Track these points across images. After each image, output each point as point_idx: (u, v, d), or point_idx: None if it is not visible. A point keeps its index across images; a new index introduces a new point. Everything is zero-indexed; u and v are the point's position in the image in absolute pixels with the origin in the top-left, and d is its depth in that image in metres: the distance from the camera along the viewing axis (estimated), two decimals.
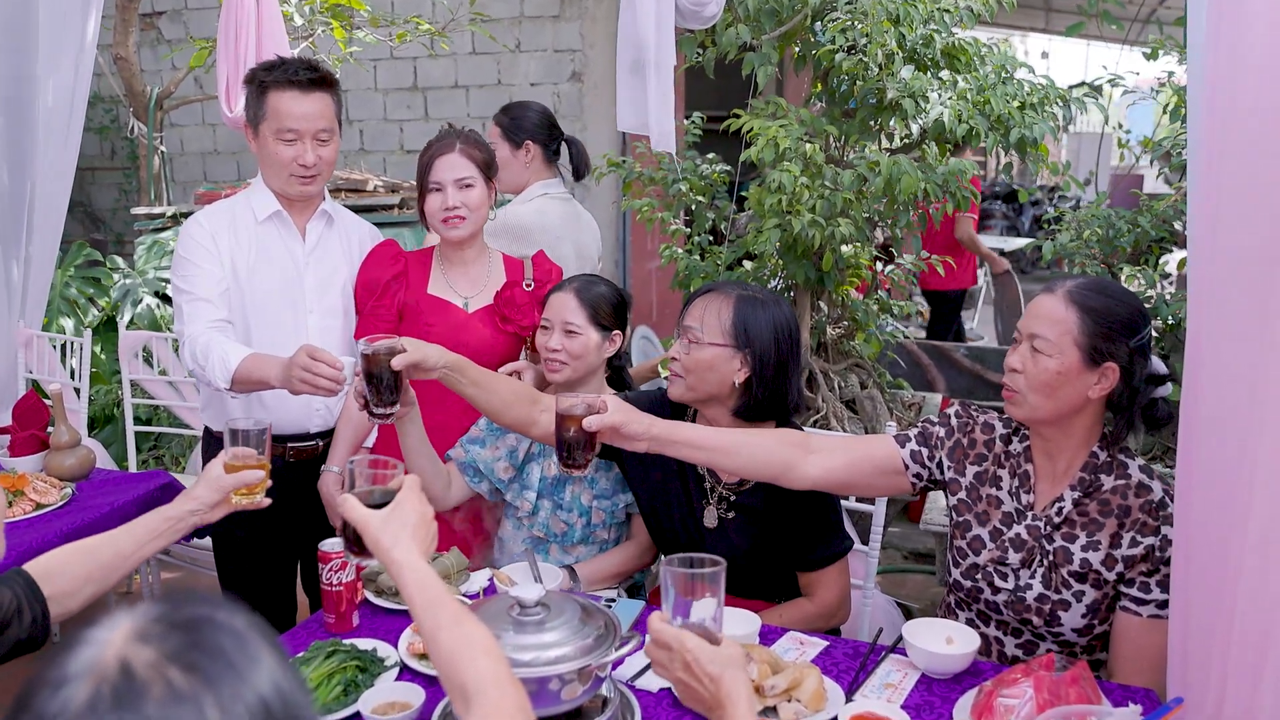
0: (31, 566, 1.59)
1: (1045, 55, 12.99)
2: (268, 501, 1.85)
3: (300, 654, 1.83)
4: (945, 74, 2.91)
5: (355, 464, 1.56)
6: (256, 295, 2.51)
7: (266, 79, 2.46)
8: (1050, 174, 3.99)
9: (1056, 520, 1.94)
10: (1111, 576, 1.90)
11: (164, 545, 1.75)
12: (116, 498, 2.74)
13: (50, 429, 2.91)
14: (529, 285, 2.63)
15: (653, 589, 2.55)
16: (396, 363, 1.95)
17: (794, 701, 1.69)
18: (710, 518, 2.25)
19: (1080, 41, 9.43)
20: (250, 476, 1.78)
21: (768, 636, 1.98)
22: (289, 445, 2.58)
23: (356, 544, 1.50)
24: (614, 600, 2.16)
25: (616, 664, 1.87)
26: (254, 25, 3.66)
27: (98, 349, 4.82)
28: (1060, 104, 2.89)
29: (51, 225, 4.15)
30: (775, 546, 2.23)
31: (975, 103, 2.77)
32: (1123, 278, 3.26)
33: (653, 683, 1.82)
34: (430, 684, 1.78)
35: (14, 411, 2.96)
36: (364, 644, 1.90)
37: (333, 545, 2.00)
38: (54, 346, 4.02)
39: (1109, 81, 3.40)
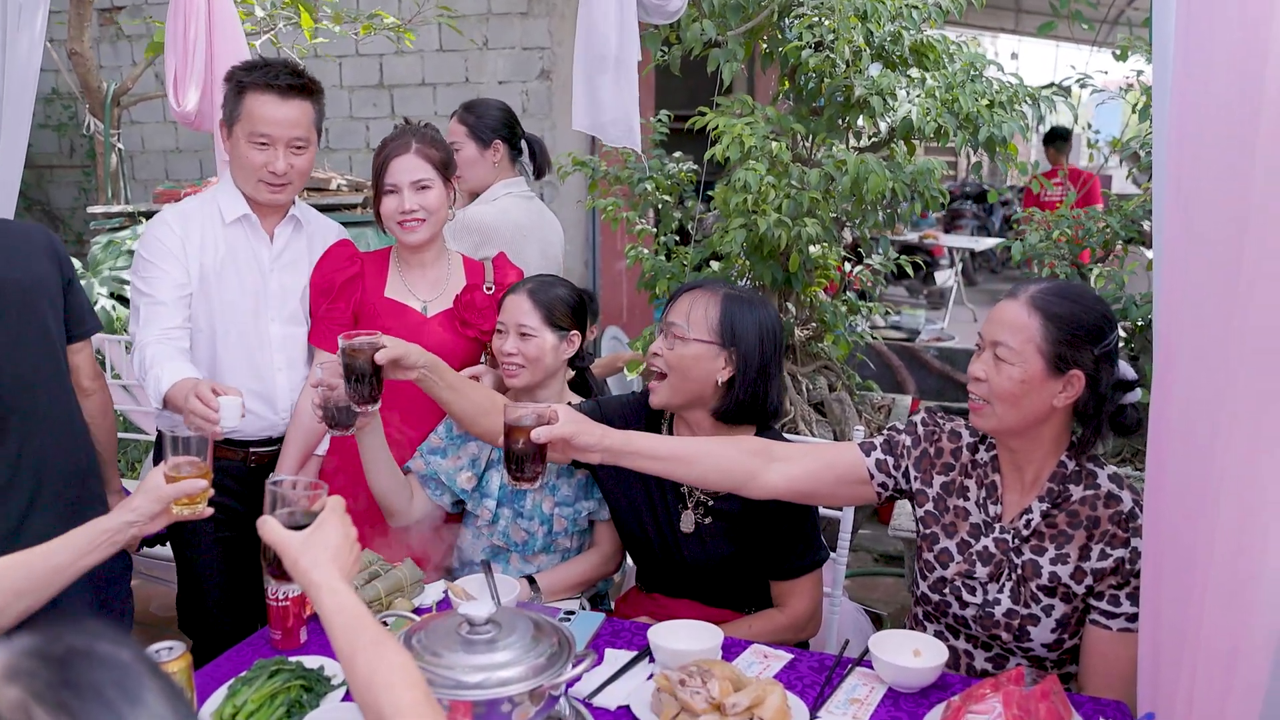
0: None
1: (1015, 56, 13.01)
2: (209, 511, 1.77)
3: (242, 673, 1.76)
4: (914, 72, 2.87)
5: (278, 486, 1.51)
6: (223, 301, 2.43)
7: (245, 80, 2.38)
8: (1020, 174, 3.96)
9: (1025, 533, 1.90)
10: (1081, 590, 1.86)
11: (102, 558, 1.66)
12: None
13: None
14: (489, 288, 2.55)
15: (618, 598, 2.49)
16: (380, 356, 1.93)
17: (757, 719, 1.63)
18: (687, 522, 2.20)
19: (1049, 43, 9.45)
20: (190, 486, 1.71)
21: (730, 650, 1.92)
22: (250, 450, 2.51)
23: (277, 567, 1.44)
24: (573, 613, 2.10)
25: (573, 681, 1.81)
26: (205, 16, 3.55)
27: None
28: (1029, 103, 2.86)
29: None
30: (751, 553, 2.18)
31: (943, 101, 2.73)
32: (1092, 278, 3.23)
33: (611, 700, 1.76)
34: None
35: None
36: (311, 661, 1.83)
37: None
38: None
39: (1077, 81, 3.37)
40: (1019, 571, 1.89)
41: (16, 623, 1.55)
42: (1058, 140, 7.94)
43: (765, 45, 3.02)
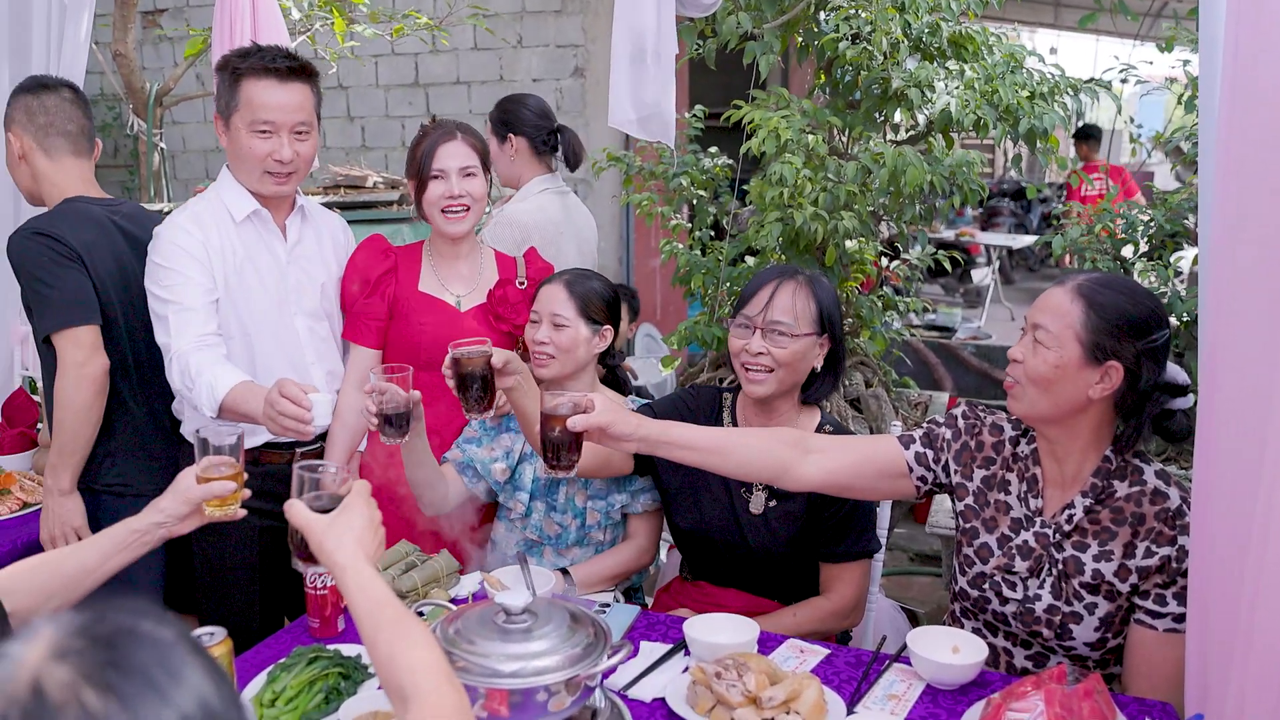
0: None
1: (1054, 51, 12.90)
2: (243, 513, 1.74)
3: (282, 660, 1.77)
4: (952, 64, 2.84)
5: (303, 470, 1.51)
6: (248, 303, 2.35)
7: (241, 66, 2.28)
8: (1059, 169, 3.91)
9: (1066, 528, 1.86)
10: (1125, 588, 1.82)
11: (132, 558, 1.65)
12: None
13: (39, 426, 2.85)
14: (522, 283, 2.55)
15: (660, 588, 2.48)
16: (496, 360, 1.97)
17: (793, 714, 1.62)
18: (757, 503, 2.21)
19: (1089, 38, 9.34)
20: (220, 489, 1.68)
21: (767, 645, 1.91)
22: (297, 452, 2.43)
23: (303, 549, 1.46)
24: (608, 605, 2.09)
25: (608, 673, 1.80)
26: (249, 17, 3.59)
27: None
28: (1070, 94, 2.81)
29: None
30: (811, 536, 2.19)
31: (983, 92, 2.70)
32: (1135, 273, 3.18)
33: (646, 692, 1.75)
34: None
35: (3, 409, 2.91)
36: (348, 649, 1.84)
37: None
38: None
39: (1120, 73, 3.31)
40: (1060, 567, 1.86)
41: None
42: (1089, 138, 8.03)
43: (801, 38, 2.99)
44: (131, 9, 5.26)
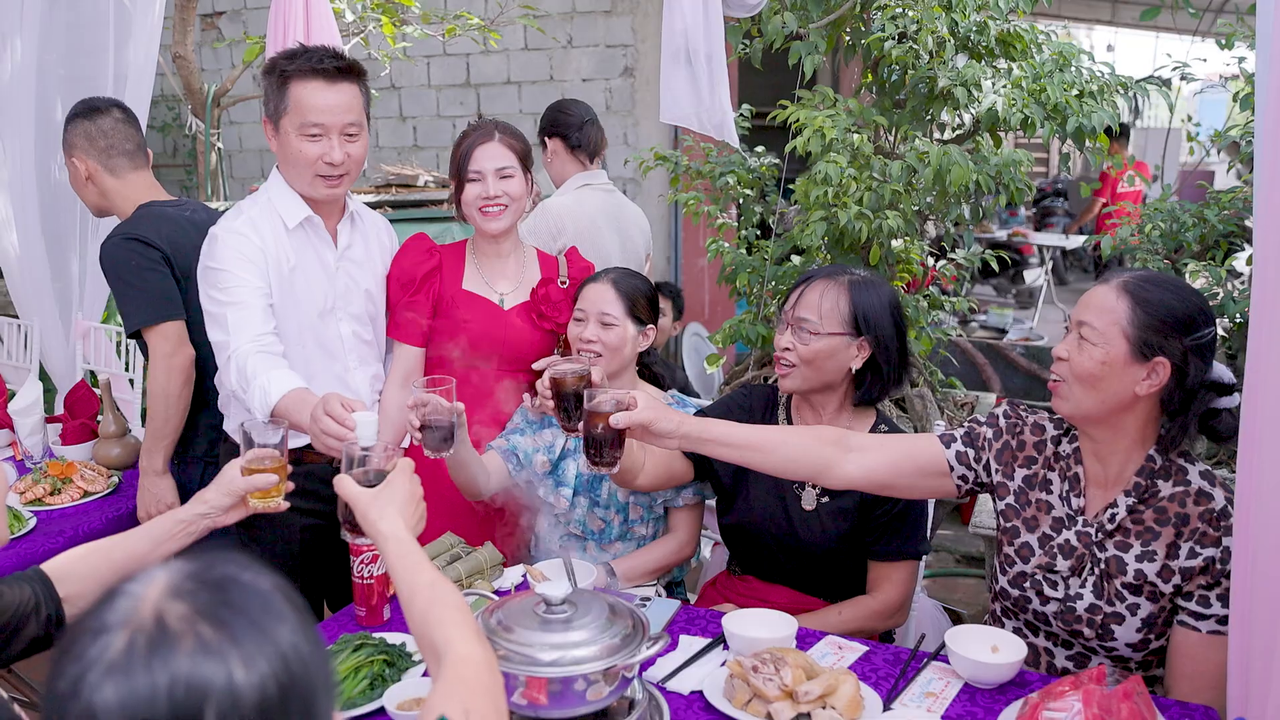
0: (48, 566, 1.60)
1: (1111, 49, 12.68)
2: (285, 505, 1.79)
3: (329, 646, 1.81)
4: (1001, 63, 2.82)
5: (350, 447, 1.63)
6: (297, 308, 2.35)
7: (289, 68, 2.24)
8: (1114, 165, 3.86)
9: (1109, 527, 1.85)
10: (1168, 589, 1.81)
11: (178, 548, 1.71)
12: None
13: (100, 418, 2.94)
14: (563, 282, 2.58)
15: (706, 583, 2.49)
16: (596, 375, 2.05)
17: (829, 709, 1.63)
18: (809, 500, 2.22)
19: (1148, 34, 9.17)
20: (262, 481, 1.74)
21: (805, 641, 1.92)
22: None
23: (350, 522, 1.57)
24: (648, 599, 2.12)
25: (647, 665, 1.83)
26: (303, 19, 3.66)
27: None
28: (1121, 92, 2.78)
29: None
30: (861, 533, 2.20)
31: (1030, 91, 2.67)
32: (1186, 274, 3.13)
33: (684, 685, 1.77)
34: None
35: (66, 400, 3.00)
36: (394, 638, 1.88)
37: (365, 539, 1.97)
38: (110, 339, 4.08)
39: (1175, 71, 3.26)
40: (1102, 567, 1.85)
41: None
42: (1118, 136, 8.19)
43: (849, 38, 2.99)
44: (191, 12, 5.38)
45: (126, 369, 4.11)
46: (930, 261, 3.25)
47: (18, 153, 3.92)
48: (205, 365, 2.52)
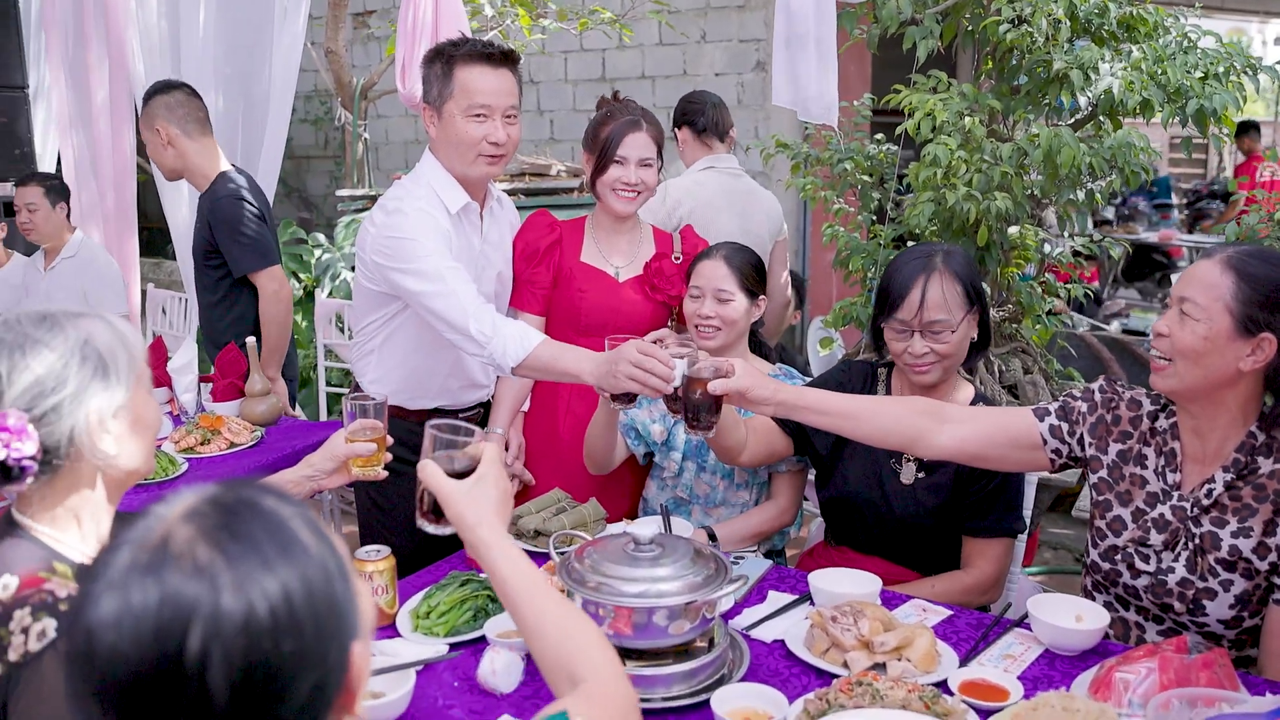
0: None
1: (1279, 42, 12.05)
2: (384, 474, 1.90)
3: (438, 581, 1.96)
4: (1124, 47, 2.78)
5: (436, 429, 1.47)
6: None
7: (455, 53, 2.36)
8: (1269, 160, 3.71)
9: (1205, 503, 1.84)
10: (1264, 566, 1.79)
11: None
12: (299, 442, 2.98)
13: (246, 379, 3.19)
14: (677, 258, 2.68)
15: (804, 553, 2.55)
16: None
17: (904, 660, 1.69)
18: (907, 474, 2.26)
19: None
20: (362, 449, 1.84)
21: (891, 602, 1.97)
22: (460, 416, 2.58)
23: (434, 513, 1.44)
24: (743, 557, 2.20)
25: (734, 612, 1.92)
26: (432, 9, 3.87)
27: (299, 318, 5.21)
28: (1250, 74, 2.70)
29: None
30: (956, 508, 2.23)
31: (1150, 73, 2.63)
32: None
33: (767, 634, 1.85)
34: None
35: (216, 361, 3.27)
36: None
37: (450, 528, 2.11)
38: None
39: None
40: (1196, 542, 1.84)
41: None
42: (1249, 131, 8.20)
43: (968, 24, 2.99)
44: (343, 9, 5.71)
45: None
46: (1046, 248, 3.21)
47: None
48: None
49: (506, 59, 2.40)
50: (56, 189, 4.20)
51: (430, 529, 1.49)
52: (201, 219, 3.46)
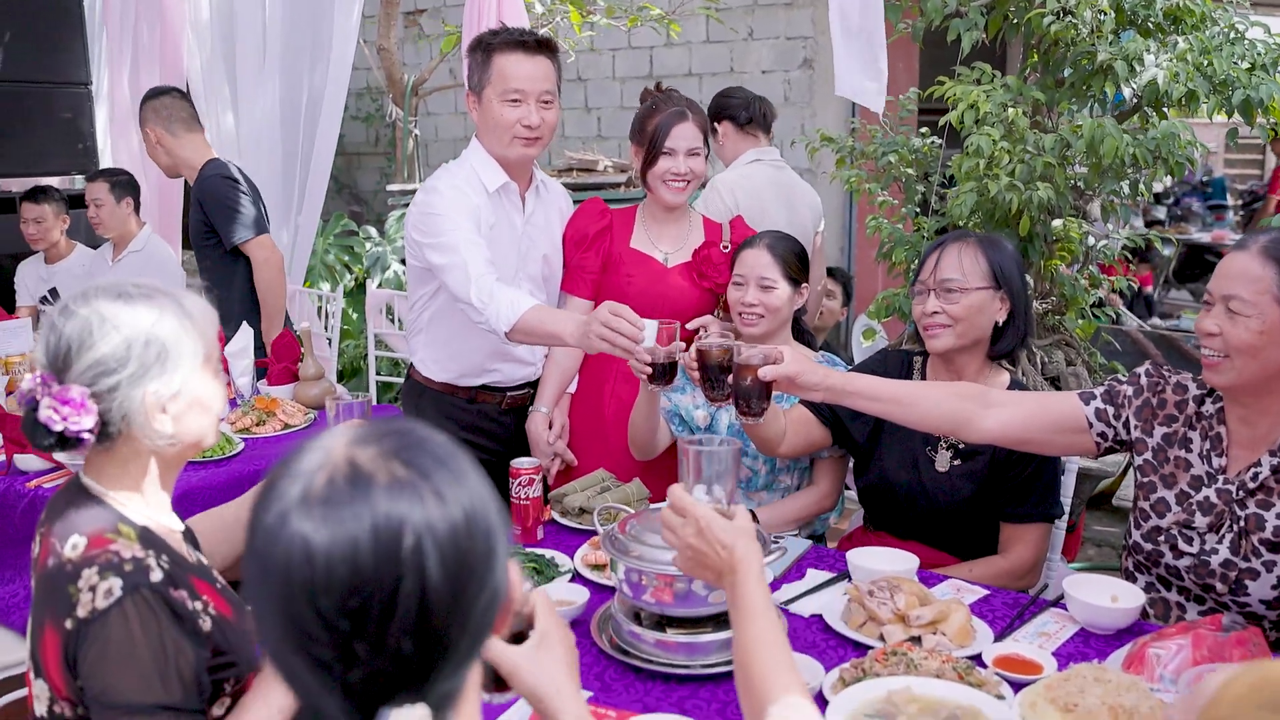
0: (192, 523, 1.66)
1: None
2: None
3: None
4: (1171, 38, 2.78)
5: None
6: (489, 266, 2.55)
7: (493, 42, 2.51)
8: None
9: (1251, 486, 1.85)
10: None
11: None
12: None
13: (300, 363, 3.28)
14: (725, 247, 2.73)
15: (843, 538, 2.59)
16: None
17: (939, 634, 1.72)
18: (942, 462, 2.29)
19: None
20: None
21: (928, 581, 2.00)
22: (506, 394, 2.73)
23: (496, 683, 1.25)
24: (782, 537, 2.24)
25: (773, 588, 1.96)
26: (495, 10, 3.96)
27: (349, 309, 5.33)
28: None
29: (316, 197, 4.65)
30: (992, 494, 2.25)
31: (1196, 64, 2.63)
32: None
33: (805, 608, 1.89)
34: (597, 590, 1.94)
35: (272, 347, 3.37)
36: (545, 553, 2.08)
37: (522, 463, 2.19)
38: (312, 302, 4.50)
39: None
40: (1241, 524, 1.85)
41: (224, 567, 1.65)
42: None
43: (1013, 16, 3.00)
44: (395, 8, 5.82)
45: (325, 329, 4.52)
46: (1090, 241, 3.21)
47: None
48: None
49: (542, 46, 2.52)
50: (123, 184, 4.34)
51: (489, 698, 1.29)
52: (194, 203, 3.74)
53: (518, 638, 1.25)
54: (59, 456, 2.59)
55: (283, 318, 3.71)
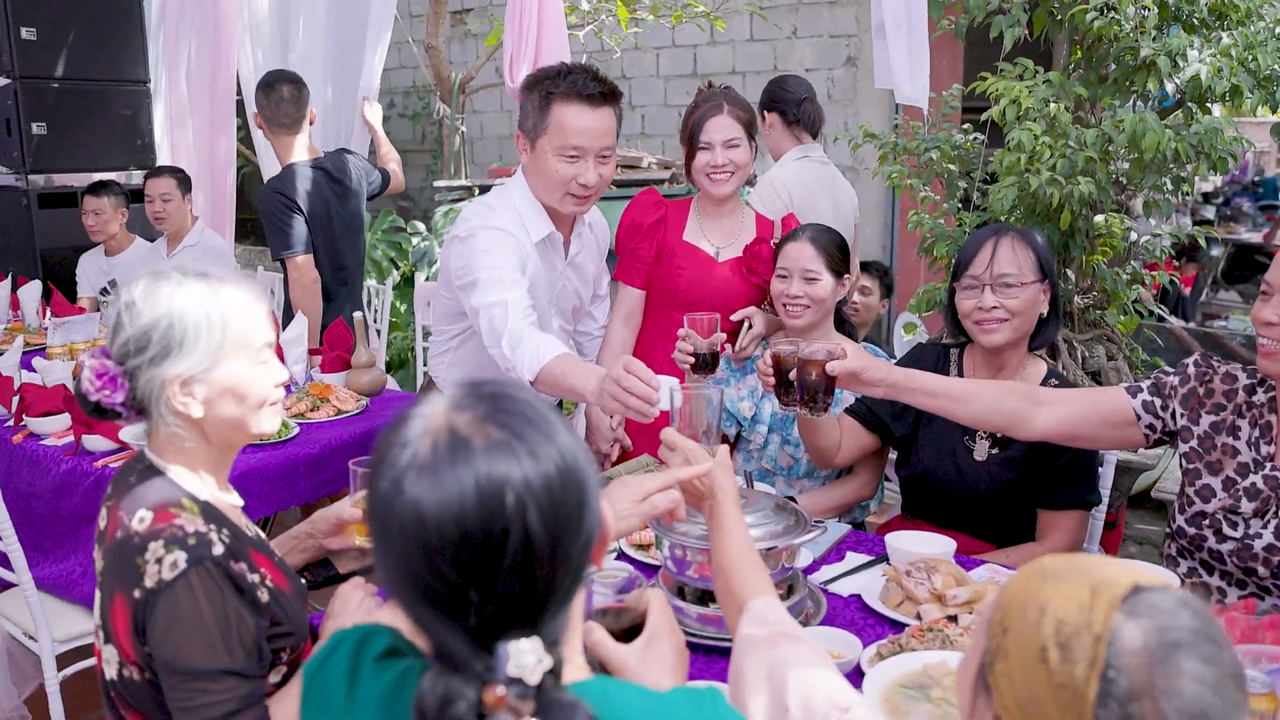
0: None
1: None
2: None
3: None
4: (1216, 34, 2.79)
5: (595, 583, 1.32)
6: None
7: (554, 89, 2.30)
8: None
9: None
10: None
11: (296, 563, 1.78)
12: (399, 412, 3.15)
13: (353, 352, 3.38)
14: (775, 243, 2.77)
15: (880, 526, 2.63)
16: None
17: (975, 614, 1.76)
18: (980, 451, 2.33)
19: None
20: (351, 515, 1.78)
21: (966, 566, 2.03)
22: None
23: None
24: (822, 521, 2.29)
25: (812, 569, 2.01)
26: (536, 10, 4.02)
27: (397, 302, 5.43)
28: None
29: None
30: (1030, 482, 2.28)
31: (1240, 59, 2.63)
32: None
33: (844, 588, 1.94)
34: (642, 568, 2.00)
35: (324, 335, 3.47)
36: None
37: None
38: (362, 294, 4.60)
39: None
40: None
41: None
42: None
43: (1056, 12, 3.02)
44: (443, 6, 5.92)
45: (374, 321, 4.62)
46: (1133, 236, 3.22)
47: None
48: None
49: (607, 98, 2.34)
50: (185, 181, 4.48)
51: None
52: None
53: (629, 634, 1.26)
54: (124, 437, 2.71)
55: (318, 328, 3.75)
